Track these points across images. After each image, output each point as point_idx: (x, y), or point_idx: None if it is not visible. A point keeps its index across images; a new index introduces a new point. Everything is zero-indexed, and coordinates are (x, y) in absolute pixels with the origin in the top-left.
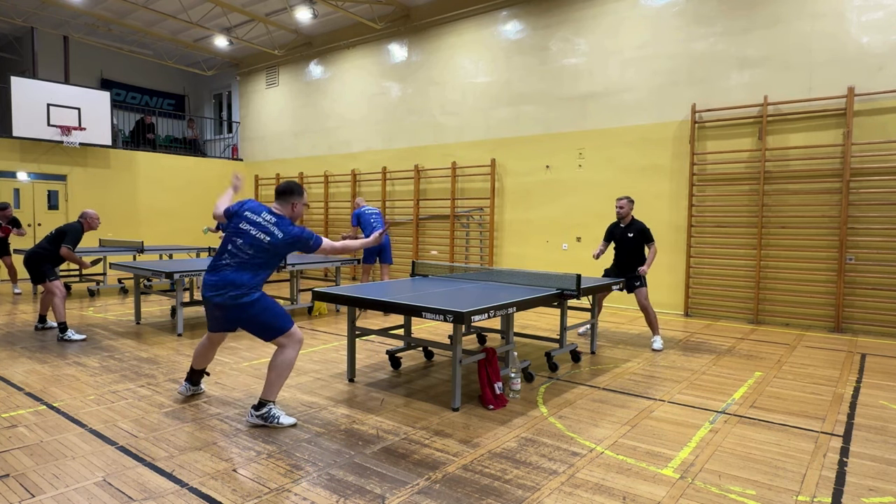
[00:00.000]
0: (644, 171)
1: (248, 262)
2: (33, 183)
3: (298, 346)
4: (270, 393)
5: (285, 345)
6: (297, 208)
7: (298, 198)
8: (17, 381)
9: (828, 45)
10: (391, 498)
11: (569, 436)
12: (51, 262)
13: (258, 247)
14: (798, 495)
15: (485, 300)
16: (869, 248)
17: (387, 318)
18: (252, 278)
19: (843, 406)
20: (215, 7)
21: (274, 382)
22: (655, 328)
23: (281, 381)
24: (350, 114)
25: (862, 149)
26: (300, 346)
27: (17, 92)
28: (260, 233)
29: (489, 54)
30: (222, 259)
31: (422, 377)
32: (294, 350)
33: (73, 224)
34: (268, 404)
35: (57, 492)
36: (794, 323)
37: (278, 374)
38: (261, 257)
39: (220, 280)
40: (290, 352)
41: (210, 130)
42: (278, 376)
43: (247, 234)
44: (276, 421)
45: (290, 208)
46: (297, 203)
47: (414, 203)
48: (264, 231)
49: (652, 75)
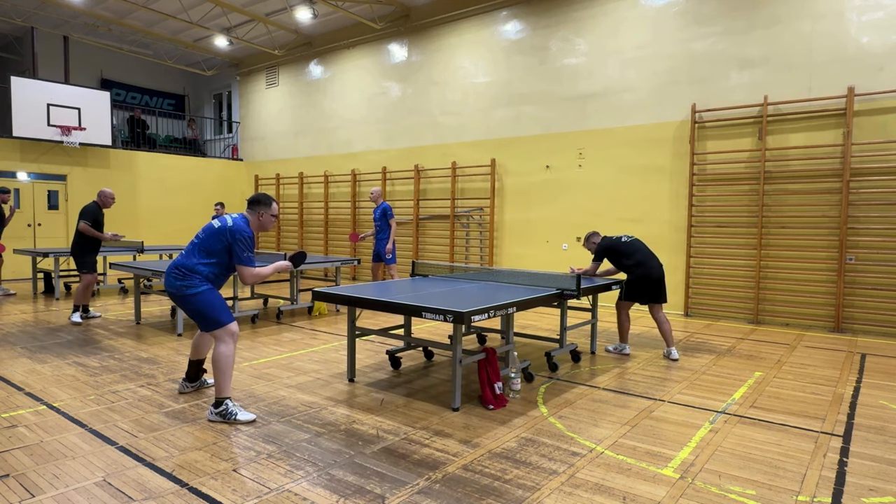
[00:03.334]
0: (644, 171)
1: (196, 245)
2: (33, 183)
3: (231, 339)
4: (222, 389)
5: (219, 337)
6: (263, 217)
7: (266, 208)
8: (17, 381)
9: (828, 45)
10: (391, 498)
11: (569, 436)
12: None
13: (209, 230)
14: (798, 495)
15: (485, 300)
16: (869, 248)
17: (387, 318)
18: (197, 265)
19: (843, 406)
20: (215, 7)
21: (220, 378)
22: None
23: (226, 376)
24: (350, 114)
25: (862, 149)
26: (234, 341)
27: (17, 92)
28: (217, 221)
29: (489, 54)
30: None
31: (422, 377)
32: (226, 344)
33: (89, 204)
34: (224, 401)
35: (57, 492)
36: (794, 323)
37: (219, 369)
38: (208, 242)
39: (172, 265)
40: (222, 346)
41: (210, 130)
42: (221, 371)
43: (208, 225)
44: (233, 417)
45: (257, 217)
46: (263, 213)
47: (414, 203)
48: (220, 220)
49: (652, 75)
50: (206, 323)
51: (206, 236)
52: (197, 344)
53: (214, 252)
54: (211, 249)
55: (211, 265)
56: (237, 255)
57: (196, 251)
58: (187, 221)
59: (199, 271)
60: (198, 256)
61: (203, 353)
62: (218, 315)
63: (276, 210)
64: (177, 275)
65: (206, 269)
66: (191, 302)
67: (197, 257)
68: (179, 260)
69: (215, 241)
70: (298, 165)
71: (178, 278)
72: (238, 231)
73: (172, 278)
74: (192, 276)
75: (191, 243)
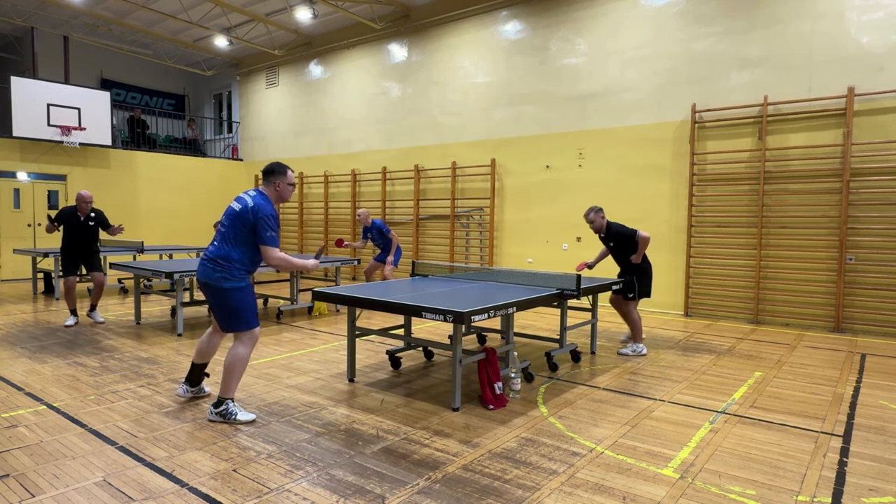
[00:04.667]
0: (644, 171)
1: (224, 234)
2: (33, 183)
3: (252, 343)
4: (227, 390)
5: (241, 339)
6: (280, 187)
7: (281, 177)
8: (17, 381)
9: (828, 45)
10: (391, 498)
11: (569, 436)
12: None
13: (231, 215)
14: (798, 495)
15: (485, 300)
16: (869, 248)
17: (387, 318)
18: (230, 252)
19: (843, 406)
20: (215, 7)
21: (228, 379)
22: (637, 335)
23: (235, 378)
24: (350, 114)
25: (862, 149)
26: (253, 345)
27: (17, 92)
28: (236, 203)
29: (489, 54)
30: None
31: (422, 377)
32: (246, 347)
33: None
34: (225, 401)
35: (57, 492)
36: (794, 323)
37: (232, 370)
38: (234, 228)
39: (204, 257)
40: (241, 348)
41: (210, 130)
42: (232, 372)
43: (228, 208)
44: (233, 417)
45: (274, 188)
46: (279, 182)
47: (414, 203)
48: (240, 201)
49: (652, 75)
50: (234, 322)
51: (231, 222)
52: (204, 347)
53: (242, 237)
54: (238, 236)
55: (244, 250)
56: (260, 236)
57: (226, 240)
58: (187, 221)
59: (234, 258)
60: (229, 245)
61: (208, 357)
62: (249, 317)
63: (291, 178)
64: (213, 266)
65: (239, 254)
66: (226, 296)
67: (229, 246)
68: (212, 252)
69: (240, 224)
70: (298, 165)
71: (217, 269)
72: (259, 209)
73: (209, 270)
74: (230, 265)
75: (218, 233)
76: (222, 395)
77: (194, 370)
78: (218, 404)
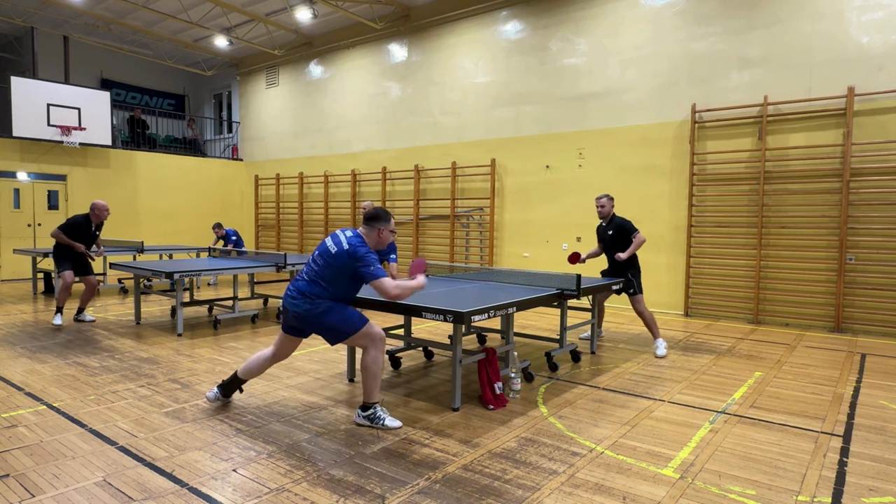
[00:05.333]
0: (644, 171)
1: (318, 273)
2: (33, 183)
3: (377, 344)
4: (372, 394)
5: (367, 346)
6: (382, 234)
7: (385, 224)
8: (17, 381)
9: (828, 45)
10: (391, 498)
11: (569, 436)
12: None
13: (326, 255)
14: (798, 495)
15: (485, 300)
16: (869, 248)
17: (387, 318)
18: (323, 291)
19: (843, 406)
20: (215, 7)
21: (371, 383)
22: (656, 331)
23: (377, 381)
24: (350, 114)
25: (862, 149)
26: (382, 345)
27: (17, 92)
28: (332, 244)
29: (489, 54)
30: (302, 272)
31: (422, 377)
32: (375, 349)
33: (79, 216)
34: (373, 406)
35: (57, 492)
36: (794, 323)
37: (371, 374)
38: (328, 270)
39: (296, 290)
40: (373, 351)
41: (210, 130)
42: (373, 376)
43: (322, 244)
44: (381, 423)
45: (377, 234)
46: (382, 229)
47: (414, 203)
48: (335, 242)
49: (652, 75)
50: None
51: (324, 264)
52: (254, 365)
53: (336, 282)
54: (333, 279)
55: (334, 291)
56: (366, 275)
57: (318, 280)
58: (187, 221)
59: (325, 296)
60: (322, 285)
61: (252, 376)
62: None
63: (393, 225)
64: (302, 300)
65: (332, 293)
66: (321, 319)
67: (320, 286)
68: (301, 287)
69: (334, 270)
70: (298, 165)
71: (306, 303)
72: (355, 251)
73: (298, 303)
74: (318, 300)
75: (310, 269)
76: (368, 400)
77: (234, 381)
78: (366, 408)
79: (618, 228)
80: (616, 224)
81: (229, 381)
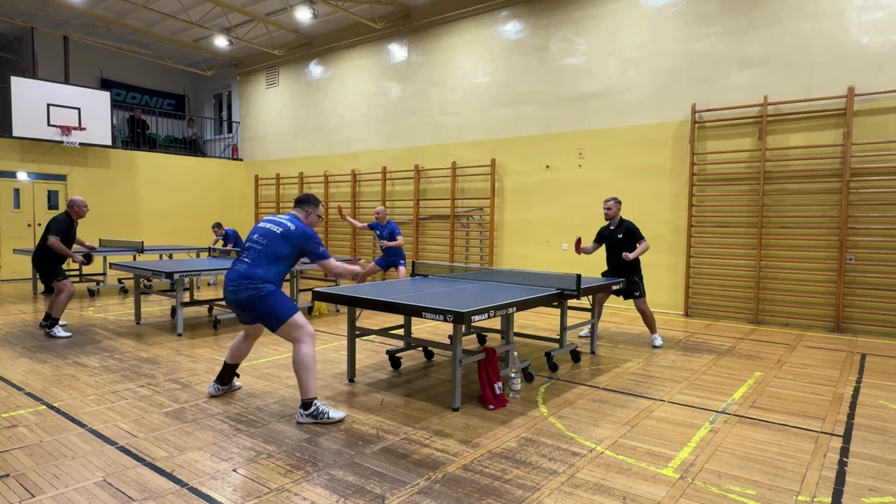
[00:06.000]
0: (644, 171)
1: (261, 253)
2: (33, 183)
3: (309, 339)
4: (308, 391)
5: (299, 339)
6: (310, 217)
7: (313, 207)
8: (17, 381)
9: (828, 45)
10: (391, 498)
11: (569, 436)
12: (52, 258)
13: (269, 235)
14: (798, 495)
15: (485, 300)
16: (869, 248)
17: (387, 318)
18: (266, 272)
19: (843, 406)
20: (215, 7)
21: (306, 378)
22: (653, 328)
23: (312, 376)
24: (350, 114)
25: (862, 149)
26: (313, 340)
27: (17, 92)
28: (273, 225)
29: (489, 54)
30: (240, 257)
31: (422, 377)
32: (307, 344)
33: (59, 214)
34: (312, 402)
35: (57, 492)
36: (794, 323)
37: (305, 369)
38: (276, 247)
39: (238, 276)
40: (304, 346)
41: (210, 130)
42: (307, 371)
43: (261, 227)
44: (325, 417)
45: (306, 216)
46: (311, 212)
47: (414, 203)
48: (277, 224)
49: (652, 75)
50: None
51: (270, 242)
52: (236, 350)
53: (283, 257)
54: (279, 255)
55: (279, 269)
56: (315, 254)
57: (262, 258)
58: (187, 221)
59: (270, 278)
60: (266, 263)
61: (240, 358)
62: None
63: (321, 211)
64: (246, 286)
65: (275, 274)
66: (261, 305)
67: (266, 265)
68: (244, 271)
69: (282, 245)
70: (298, 165)
71: (249, 289)
72: (306, 229)
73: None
74: (263, 283)
75: (252, 251)
76: (306, 397)
77: (226, 370)
78: (307, 406)
79: (627, 232)
80: (625, 227)
81: (221, 371)
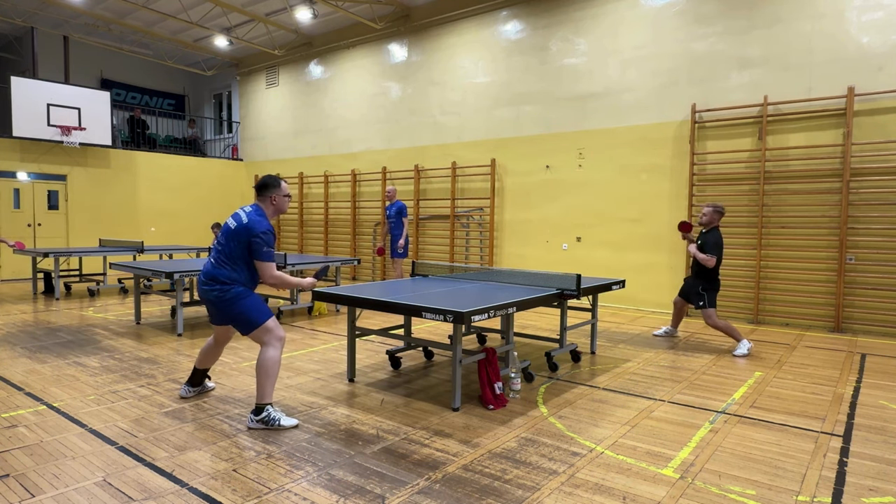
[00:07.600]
0: (644, 171)
1: (222, 252)
2: (33, 183)
3: (280, 344)
4: (264, 395)
5: (267, 342)
6: (276, 201)
7: (276, 190)
8: (17, 381)
9: (828, 45)
10: (391, 498)
11: (569, 436)
12: None
13: (227, 233)
14: (798, 495)
15: (485, 300)
16: (869, 248)
17: (387, 318)
18: (231, 272)
19: (843, 406)
20: (215, 7)
21: (264, 383)
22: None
23: (271, 381)
24: (350, 114)
25: (862, 149)
26: (282, 345)
27: (17, 92)
28: (233, 221)
29: (489, 54)
30: (209, 257)
31: (422, 377)
32: (275, 349)
33: None
34: (266, 408)
35: (57, 492)
36: (794, 323)
37: (266, 374)
38: (230, 246)
39: (205, 275)
40: (271, 350)
41: (210, 130)
42: (267, 376)
43: (224, 225)
44: (276, 423)
45: (270, 202)
46: (275, 196)
47: (414, 203)
48: (236, 219)
49: (652, 75)
50: (249, 325)
51: (227, 241)
52: (206, 353)
53: (238, 256)
54: (233, 254)
55: (241, 270)
56: (256, 252)
57: (222, 259)
58: (187, 221)
59: (237, 279)
60: (226, 264)
61: (209, 363)
62: (257, 314)
63: (286, 189)
64: (211, 286)
65: (238, 274)
66: (230, 307)
67: (226, 265)
68: (209, 270)
69: (235, 244)
70: (298, 165)
71: (216, 289)
72: (254, 226)
73: (207, 288)
74: (230, 285)
75: (214, 250)
76: (260, 402)
77: (196, 374)
78: (258, 411)
79: (705, 240)
80: (706, 237)
81: (191, 375)
